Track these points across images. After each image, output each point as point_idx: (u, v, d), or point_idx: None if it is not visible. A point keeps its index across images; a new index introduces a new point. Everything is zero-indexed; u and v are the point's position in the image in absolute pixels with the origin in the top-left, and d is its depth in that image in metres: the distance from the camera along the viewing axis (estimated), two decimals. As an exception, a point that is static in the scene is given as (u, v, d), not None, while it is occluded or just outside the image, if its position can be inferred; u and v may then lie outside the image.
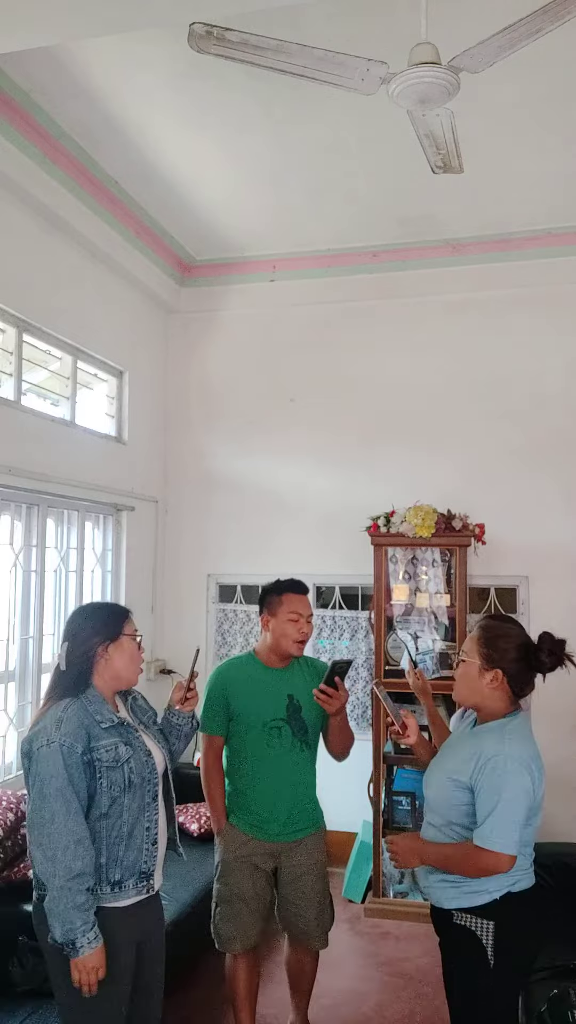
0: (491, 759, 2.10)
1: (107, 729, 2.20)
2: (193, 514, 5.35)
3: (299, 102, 3.51)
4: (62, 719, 2.15)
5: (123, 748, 2.20)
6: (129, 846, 2.20)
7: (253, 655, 3.00)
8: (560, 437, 4.76)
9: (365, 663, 4.98)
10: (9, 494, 3.85)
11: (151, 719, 2.45)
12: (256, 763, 2.86)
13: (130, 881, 2.20)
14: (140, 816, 2.22)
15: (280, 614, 2.90)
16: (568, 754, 4.49)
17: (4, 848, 3.21)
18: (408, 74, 2.50)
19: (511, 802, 2.07)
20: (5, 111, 3.53)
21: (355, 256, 5.06)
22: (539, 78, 3.35)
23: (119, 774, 2.18)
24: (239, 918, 2.86)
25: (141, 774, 2.23)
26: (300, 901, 2.90)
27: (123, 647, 2.30)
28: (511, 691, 2.21)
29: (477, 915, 2.14)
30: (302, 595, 2.95)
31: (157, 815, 2.27)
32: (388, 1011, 3.37)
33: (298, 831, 2.89)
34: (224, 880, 2.89)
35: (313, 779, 2.98)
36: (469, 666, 2.23)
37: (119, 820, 2.18)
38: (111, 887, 2.17)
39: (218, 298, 5.37)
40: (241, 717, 2.88)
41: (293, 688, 2.90)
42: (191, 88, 3.47)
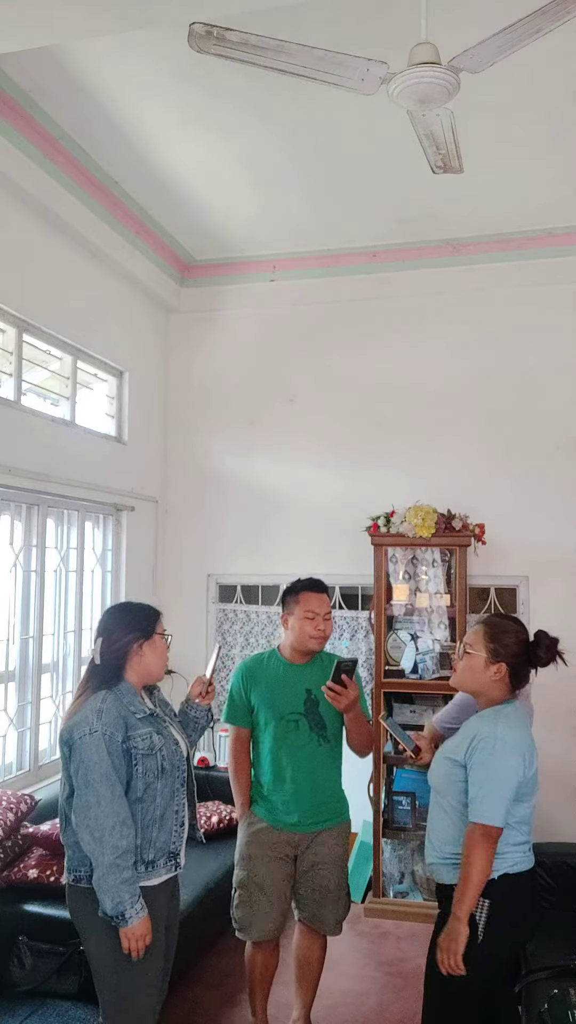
0: (483, 739, 2.29)
1: (141, 719, 2.37)
2: (193, 514, 5.35)
3: (299, 102, 3.51)
4: (102, 710, 2.31)
5: (156, 737, 2.37)
6: (162, 828, 2.36)
7: (276, 651, 3.10)
8: (560, 437, 4.76)
9: (365, 663, 4.97)
10: (9, 494, 3.85)
11: (170, 711, 2.61)
12: (274, 755, 2.96)
13: (161, 860, 2.36)
14: (171, 800, 2.39)
15: (297, 612, 2.99)
16: (568, 754, 4.49)
17: (4, 848, 3.21)
18: (408, 74, 2.50)
19: (498, 779, 2.24)
20: (5, 111, 3.53)
21: (355, 256, 5.06)
22: (539, 78, 3.35)
23: (154, 761, 2.34)
24: (255, 904, 2.94)
25: (172, 761, 2.40)
26: (317, 890, 2.98)
27: (156, 645, 2.47)
28: (510, 683, 2.40)
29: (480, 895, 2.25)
30: (319, 593, 3.02)
31: (184, 799, 2.45)
32: (388, 1011, 3.37)
33: (317, 823, 2.96)
34: (243, 867, 2.98)
35: (334, 773, 3.05)
36: (475, 658, 2.40)
37: (153, 804, 2.34)
38: (145, 867, 2.32)
39: (218, 298, 5.37)
40: (260, 710, 2.99)
41: (312, 683, 2.97)
42: (191, 88, 3.47)
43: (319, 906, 2.99)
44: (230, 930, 3.10)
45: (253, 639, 5.21)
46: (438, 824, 2.41)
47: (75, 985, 2.82)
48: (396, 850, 4.44)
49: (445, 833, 2.37)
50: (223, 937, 3.80)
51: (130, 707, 2.36)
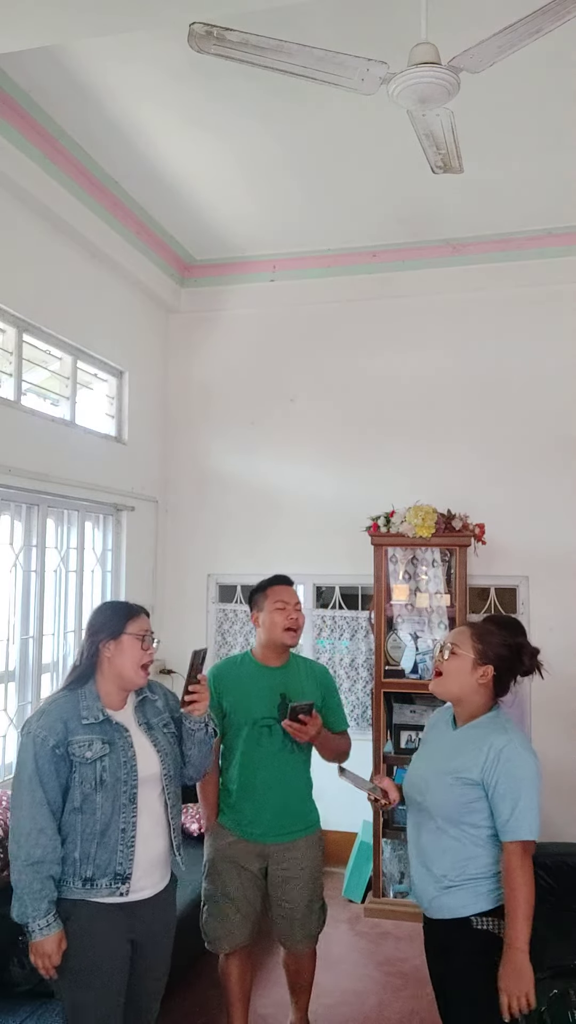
0: (502, 750, 2.11)
1: (87, 726, 2.23)
2: (193, 514, 5.35)
3: (299, 102, 3.51)
4: (44, 711, 2.25)
5: (98, 745, 2.22)
6: (102, 845, 2.20)
7: (249, 654, 3.00)
8: (560, 437, 4.76)
9: (365, 663, 4.98)
10: (9, 494, 3.85)
11: (162, 722, 2.41)
12: (245, 762, 2.85)
13: (102, 880, 2.19)
14: (114, 816, 2.21)
15: (267, 607, 2.90)
16: (568, 754, 4.49)
17: (5, 848, 3.20)
18: (408, 74, 2.50)
19: (531, 787, 2.09)
20: (5, 111, 3.53)
21: (355, 256, 5.06)
22: (539, 78, 3.35)
23: (90, 770, 2.20)
24: (225, 917, 2.85)
25: (115, 774, 2.22)
26: (285, 905, 2.86)
27: (124, 647, 2.30)
28: (493, 690, 2.25)
29: (497, 916, 2.10)
30: (287, 586, 2.96)
31: (135, 818, 2.24)
32: (388, 1011, 3.37)
33: (287, 833, 2.85)
34: (211, 879, 2.88)
35: (305, 781, 2.96)
36: (462, 660, 2.23)
37: (92, 817, 2.20)
38: (83, 883, 2.18)
39: (218, 298, 5.37)
40: (232, 715, 2.87)
41: (287, 688, 2.88)
42: (191, 88, 3.47)
43: (289, 923, 2.87)
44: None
45: (253, 639, 5.19)
46: (440, 850, 2.18)
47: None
48: (396, 850, 4.44)
49: (451, 861, 2.15)
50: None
51: (83, 711, 2.24)
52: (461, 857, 2.14)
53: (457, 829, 2.15)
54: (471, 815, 2.13)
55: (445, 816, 2.17)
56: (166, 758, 2.36)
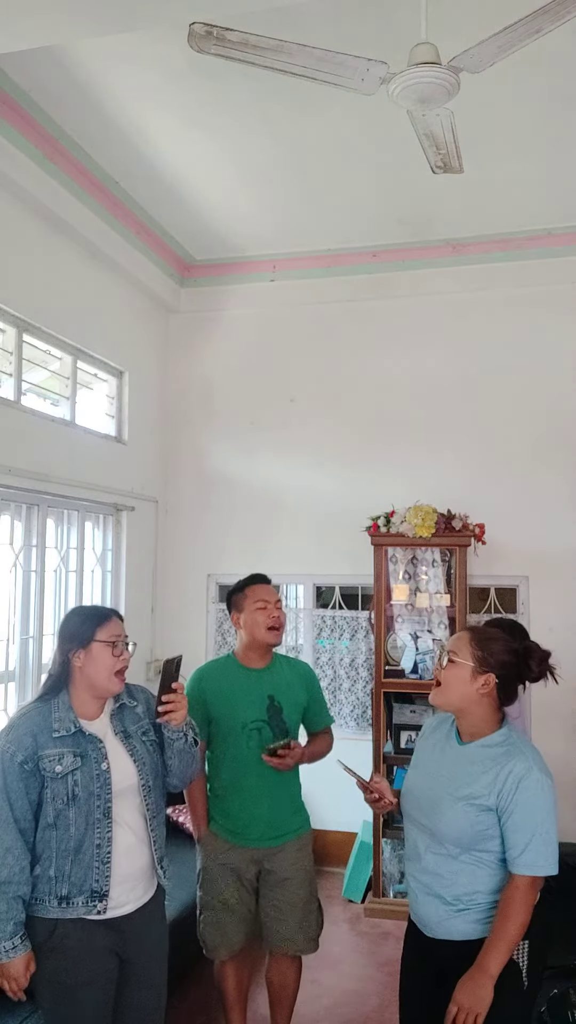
0: (522, 778, 1.98)
1: (58, 739, 2.15)
2: (193, 514, 5.35)
3: (299, 102, 3.51)
4: (13, 725, 2.17)
5: (69, 759, 2.14)
6: (76, 862, 2.12)
7: (232, 656, 2.95)
8: (560, 437, 4.76)
9: (365, 663, 4.98)
10: (9, 494, 3.85)
11: (141, 729, 2.31)
12: (235, 767, 2.80)
13: (79, 899, 2.12)
14: (88, 831, 2.13)
15: (247, 607, 2.85)
16: (568, 754, 4.48)
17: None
18: (408, 74, 2.50)
19: (549, 819, 1.97)
20: (5, 111, 3.53)
21: (355, 256, 5.06)
22: (539, 78, 3.35)
23: (61, 786, 2.12)
24: (223, 925, 2.82)
25: (88, 788, 2.14)
26: (283, 907, 2.82)
27: (94, 655, 2.21)
28: (498, 700, 2.11)
29: None
30: (265, 584, 2.93)
31: (111, 833, 2.16)
32: (388, 1011, 3.37)
33: (280, 836, 2.83)
34: (206, 888, 2.84)
35: (296, 782, 2.93)
36: (461, 668, 2.08)
37: (65, 833, 2.12)
38: (58, 901, 2.11)
39: (218, 298, 5.37)
40: (220, 720, 2.82)
41: (274, 689, 2.85)
42: (191, 88, 3.47)
43: (287, 926, 2.82)
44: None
45: (253, 639, 5.20)
46: (451, 873, 2.06)
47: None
48: (396, 850, 4.44)
49: (463, 888, 2.04)
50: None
51: (54, 723, 2.16)
52: (474, 881, 2.04)
53: (469, 855, 2.04)
54: (485, 842, 2.02)
55: (457, 842, 2.04)
56: (144, 768, 2.26)
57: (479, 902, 2.03)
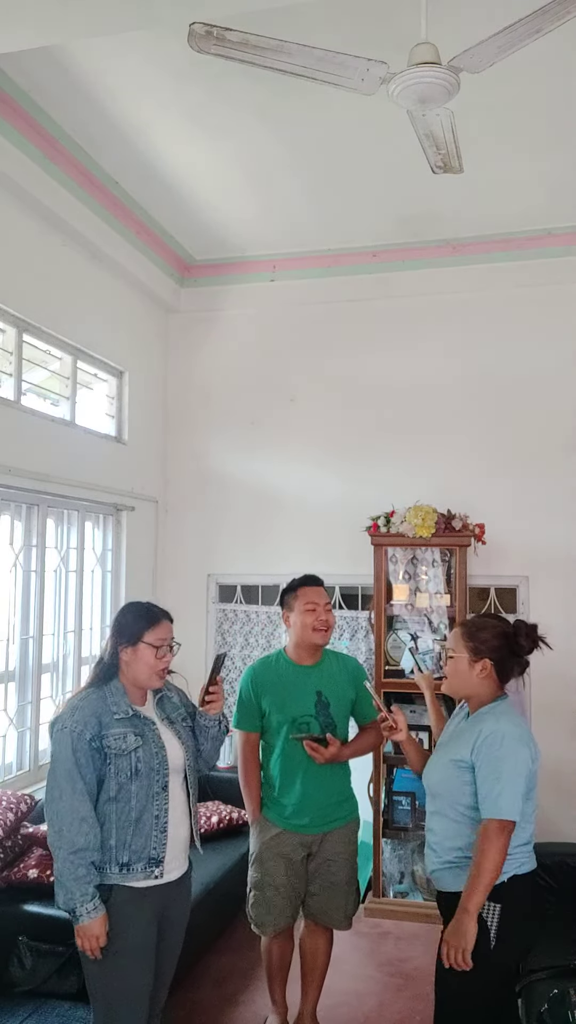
0: (489, 735, 2.25)
1: (120, 720, 2.34)
2: (193, 514, 5.35)
3: (299, 102, 3.51)
4: (77, 707, 2.33)
5: (132, 738, 2.33)
6: (137, 831, 2.31)
7: (283, 653, 3.10)
8: (560, 437, 4.76)
9: (365, 663, 4.98)
10: (9, 494, 3.85)
11: (180, 716, 2.54)
12: (286, 758, 2.96)
13: (138, 865, 2.30)
14: (148, 803, 2.33)
15: (297, 608, 2.99)
16: (568, 754, 4.48)
17: (4, 848, 3.21)
18: (408, 74, 2.50)
19: (512, 771, 2.21)
20: (5, 111, 3.53)
21: (355, 256, 5.06)
22: (539, 78, 3.35)
23: (126, 761, 2.31)
24: (271, 904, 2.99)
25: (149, 764, 2.34)
26: (328, 886, 3.01)
27: (139, 654, 2.40)
28: (498, 679, 2.38)
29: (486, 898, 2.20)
30: (316, 586, 3.04)
31: (168, 805, 2.36)
32: (388, 1011, 3.37)
33: (329, 823, 3.00)
34: (257, 867, 3.01)
35: (344, 773, 3.08)
36: (458, 661, 2.38)
37: (127, 805, 2.30)
38: (119, 868, 2.29)
39: (218, 298, 5.36)
40: (271, 714, 2.98)
41: (322, 685, 2.99)
42: (191, 88, 3.47)
43: (328, 901, 3.03)
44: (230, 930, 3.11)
45: (253, 639, 5.21)
46: (441, 830, 2.36)
47: (75, 985, 2.81)
48: (396, 850, 4.44)
49: (449, 838, 2.32)
50: (223, 937, 3.81)
51: (112, 706, 2.35)
52: (456, 836, 2.30)
53: (454, 811, 2.31)
54: (467, 797, 2.28)
55: (444, 797, 2.34)
56: (188, 750, 2.49)
57: (461, 856, 2.28)
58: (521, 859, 2.28)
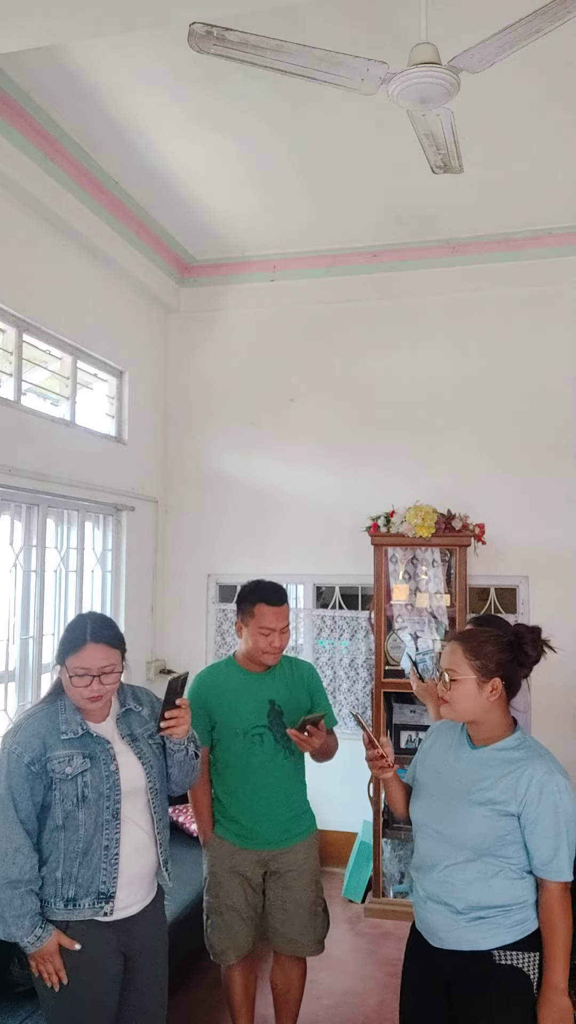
0: (545, 784, 1.97)
1: (67, 740, 2.16)
2: (193, 514, 5.35)
3: (299, 102, 3.51)
4: (21, 726, 2.17)
5: (79, 760, 2.14)
6: (84, 864, 2.13)
7: (232, 660, 2.91)
8: (560, 437, 4.76)
9: (365, 663, 4.98)
10: (9, 494, 3.85)
11: (147, 732, 2.32)
12: (239, 772, 2.79)
13: (85, 900, 2.13)
14: (97, 833, 2.14)
15: (251, 625, 2.76)
16: (568, 754, 4.47)
17: None
18: (408, 74, 2.50)
19: (573, 823, 1.97)
20: (5, 111, 3.53)
21: (355, 256, 5.06)
22: (539, 78, 3.35)
23: (71, 787, 2.13)
24: (231, 929, 2.80)
25: (97, 789, 2.15)
26: (289, 908, 2.82)
27: (64, 676, 2.19)
28: (507, 698, 2.10)
29: (521, 949, 1.98)
30: (276, 606, 2.74)
31: (118, 834, 2.17)
32: (388, 1011, 3.37)
33: (286, 839, 2.82)
34: (214, 892, 2.83)
35: (300, 785, 2.92)
36: (465, 684, 2.05)
37: (75, 835, 2.13)
38: (64, 903, 2.12)
39: (218, 298, 5.36)
40: (222, 725, 2.79)
41: (274, 693, 2.82)
42: (191, 88, 3.47)
43: (293, 927, 2.82)
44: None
45: (253, 639, 5.20)
46: (469, 885, 2.01)
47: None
48: (396, 850, 4.44)
49: (477, 897, 2.00)
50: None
51: (61, 724, 2.17)
52: (486, 890, 2.00)
53: (482, 862, 2.01)
54: (505, 848, 1.99)
55: (476, 848, 2.01)
56: (151, 771, 2.27)
57: (493, 913, 1.99)
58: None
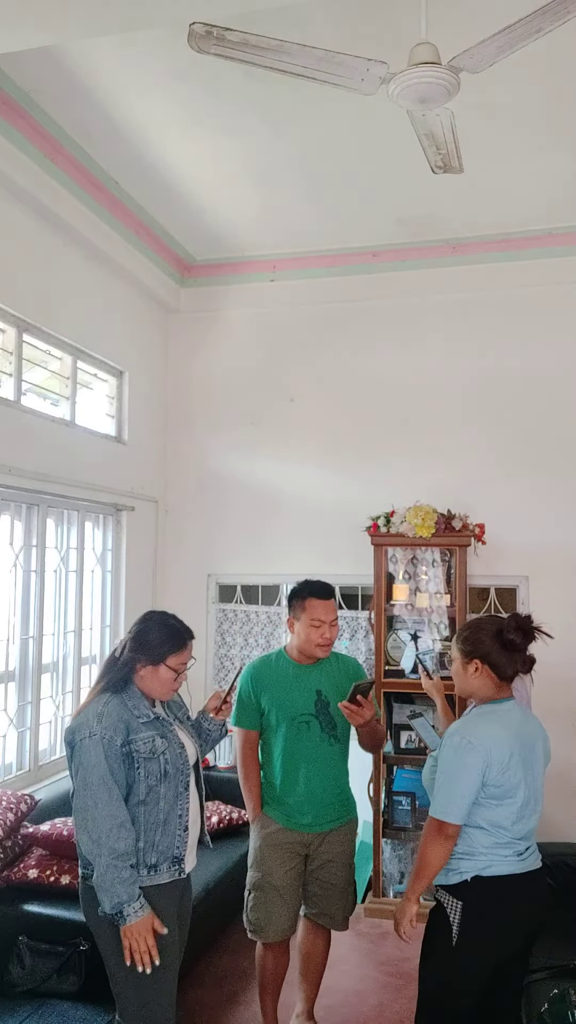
0: (449, 736, 2.32)
1: (144, 723, 2.37)
2: (193, 514, 5.35)
3: (299, 102, 3.51)
4: (103, 713, 2.33)
5: (159, 741, 2.37)
6: (164, 832, 2.36)
7: (283, 652, 3.09)
8: (560, 437, 4.76)
9: (365, 663, 4.97)
10: (9, 494, 3.85)
11: (185, 714, 2.62)
12: (286, 757, 2.96)
13: (164, 864, 2.36)
14: (175, 804, 2.39)
15: (303, 619, 2.95)
16: (568, 754, 4.48)
17: (4, 848, 3.21)
18: (408, 74, 2.50)
19: (454, 775, 2.24)
20: (5, 111, 3.53)
21: (355, 256, 5.06)
22: (539, 78, 3.35)
23: (156, 764, 2.35)
24: (271, 906, 2.95)
25: (176, 765, 2.39)
26: (326, 886, 3.01)
27: (159, 674, 2.42)
28: (496, 676, 2.37)
29: (450, 893, 2.30)
30: (325, 600, 2.96)
31: (188, 804, 2.43)
32: (388, 1011, 3.37)
33: (329, 822, 2.99)
34: (257, 867, 2.99)
35: (344, 772, 3.08)
36: (455, 663, 2.46)
37: (156, 807, 2.35)
38: (147, 869, 2.34)
39: (218, 298, 5.36)
40: (271, 712, 2.98)
41: (321, 684, 2.99)
42: (191, 88, 3.47)
43: (328, 902, 3.03)
44: (231, 930, 3.09)
45: (253, 639, 5.21)
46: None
47: (75, 985, 2.82)
48: (396, 850, 4.44)
49: None
50: (223, 937, 3.80)
51: (134, 711, 2.37)
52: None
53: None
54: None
55: (427, 789, 2.42)
56: (196, 748, 2.57)
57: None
58: (489, 860, 2.28)
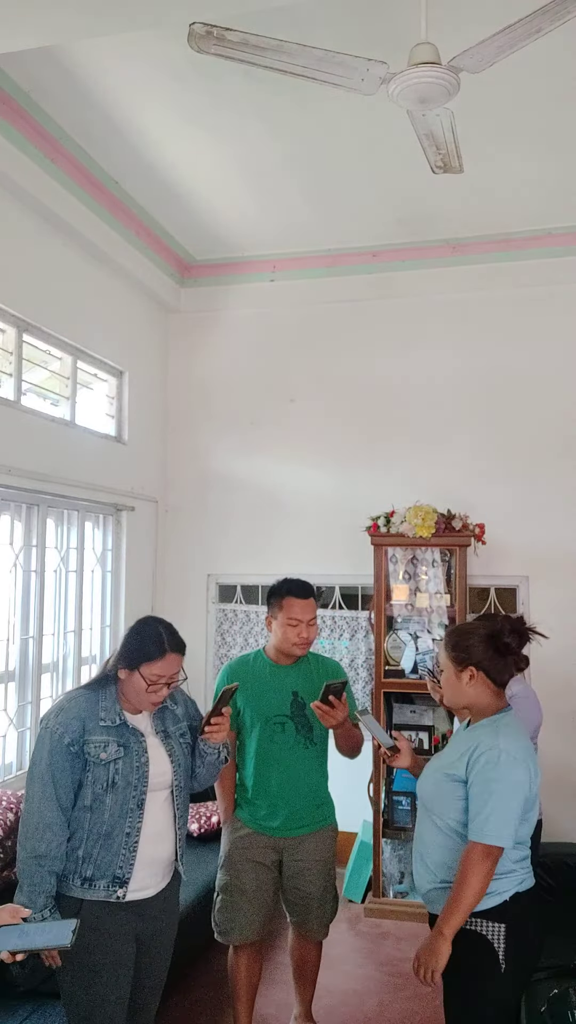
0: (485, 752, 2.13)
1: (105, 727, 2.24)
2: (193, 514, 5.35)
3: (299, 102, 3.51)
4: (63, 708, 2.26)
5: (113, 748, 2.23)
6: (106, 847, 2.21)
7: (262, 652, 3.04)
8: (560, 437, 4.76)
9: (365, 663, 4.98)
10: (9, 494, 3.85)
11: (179, 731, 2.42)
12: (259, 759, 2.90)
13: (101, 882, 2.20)
14: (121, 819, 2.22)
15: (280, 618, 2.91)
16: (568, 754, 4.48)
17: (4, 848, 3.20)
18: (408, 74, 2.50)
19: (505, 794, 2.09)
20: (5, 111, 3.53)
21: (355, 256, 5.06)
22: (539, 78, 3.35)
23: (104, 772, 2.22)
24: (237, 909, 2.89)
25: (127, 778, 2.23)
26: (301, 894, 2.93)
27: (133, 681, 2.27)
28: (492, 683, 2.25)
29: (488, 919, 2.11)
30: (303, 599, 2.91)
31: (140, 824, 2.25)
32: (388, 1011, 3.37)
33: (301, 827, 2.91)
34: (226, 870, 2.94)
35: (320, 776, 3.01)
36: (447, 673, 2.31)
37: (100, 817, 2.21)
38: (82, 881, 2.20)
39: (218, 298, 5.37)
40: (246, 712, 2.93)
41: (298, 685, 2.94)
42: (191, 88, 3.46)
43: (304, 911, 2.96)
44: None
45: (253, 639, 5.21)
46: (430, 840, 2.24)
47: (75, 985, 2.81)
48: (396, 850, 4.44)
49: (438, 851, 2.21)
50: (223, 937, 3.80)
51: (101, 711, 2.25)
52: (445, 849, 2.19)
53: (442, 821, 2.20)
54: (454, 812, 2.17)
55: (436, 812, 2.22)
56: (179, 768, 2.36)
57: (446, 878, 2.16)
58: (522, 875, 2.18)
